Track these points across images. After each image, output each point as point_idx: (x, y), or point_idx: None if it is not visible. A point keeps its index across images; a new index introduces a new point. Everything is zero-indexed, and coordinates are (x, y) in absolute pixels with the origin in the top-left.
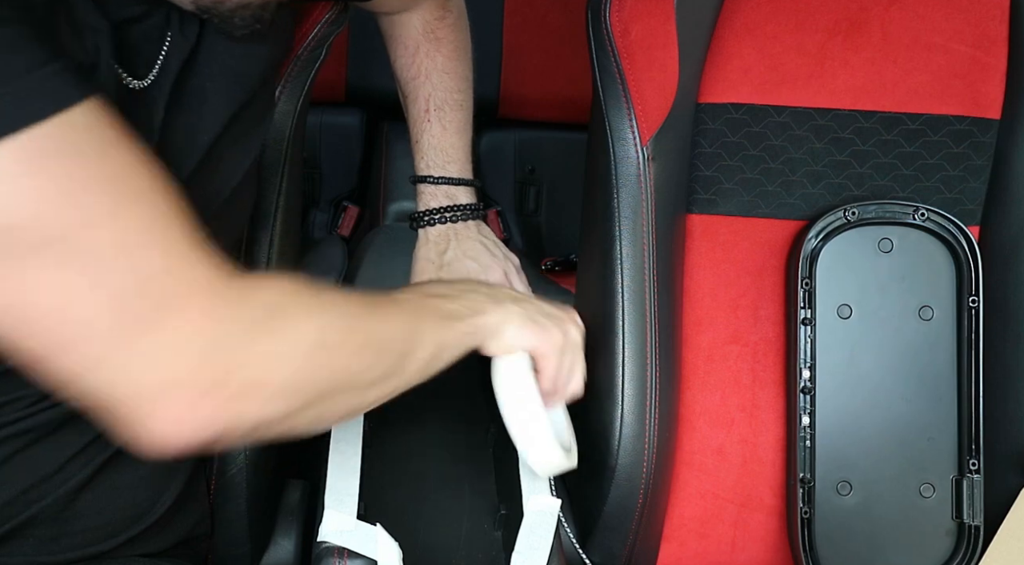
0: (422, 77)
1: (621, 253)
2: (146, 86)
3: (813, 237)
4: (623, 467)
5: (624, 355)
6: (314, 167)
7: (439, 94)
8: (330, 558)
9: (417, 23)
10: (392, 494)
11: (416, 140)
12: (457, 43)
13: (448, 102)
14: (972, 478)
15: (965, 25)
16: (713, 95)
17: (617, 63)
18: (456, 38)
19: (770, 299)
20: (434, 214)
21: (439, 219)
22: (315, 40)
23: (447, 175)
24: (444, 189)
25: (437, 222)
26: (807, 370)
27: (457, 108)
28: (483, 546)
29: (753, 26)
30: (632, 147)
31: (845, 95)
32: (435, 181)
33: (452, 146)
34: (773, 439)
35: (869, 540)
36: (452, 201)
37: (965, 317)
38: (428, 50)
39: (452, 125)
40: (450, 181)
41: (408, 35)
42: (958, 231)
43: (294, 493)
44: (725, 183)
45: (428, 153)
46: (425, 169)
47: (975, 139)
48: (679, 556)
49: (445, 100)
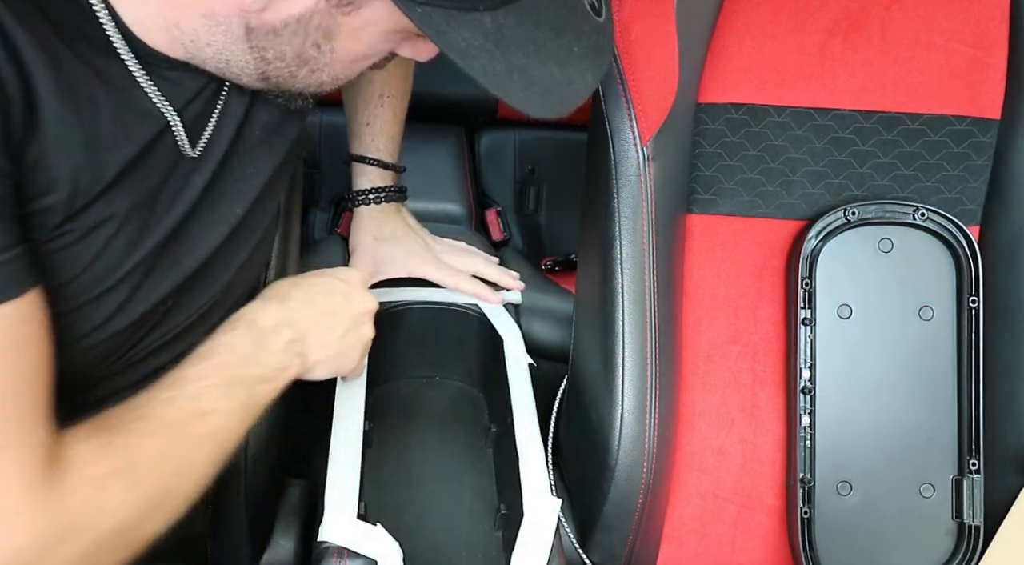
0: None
1: (621, 253)
2: (197, 155)
3: (813, 237)
4: (623, 467)
5: (624, 355)
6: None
7: (393, 82)
8: (330, 558)
9: None
10: (392, 494)
11: (367, 122)
12: None
13: (399, 90)
14: (972, 478)
15: (965, 25)
16: (713, 95)
17: (617, 63)
18: None
19: (770, 299)
20: (370, 193)
21: (383, 198)
22: None
23: (391, 161)
24: (382, 172)
25: (383, 200)
26: (807, 370)
27: (403, 97)
28: (483, 546)
29: (753, 26)
30: (632, 147)
31: (845, 95)
32: (383, 165)
33: (398, 133)
34: (773, 439)
35: (869, 540)
36: (391, 182)
37: (965, 317)
38: None
39: (400, 113)
40: (393, 167)
41: None
42: (958, 231)
43: (294, 493)
44: (725, 183)
45: (379, 137)
46: (375, 152)
47: (975, 139)
48: (679, 556)
49: (398, 87)
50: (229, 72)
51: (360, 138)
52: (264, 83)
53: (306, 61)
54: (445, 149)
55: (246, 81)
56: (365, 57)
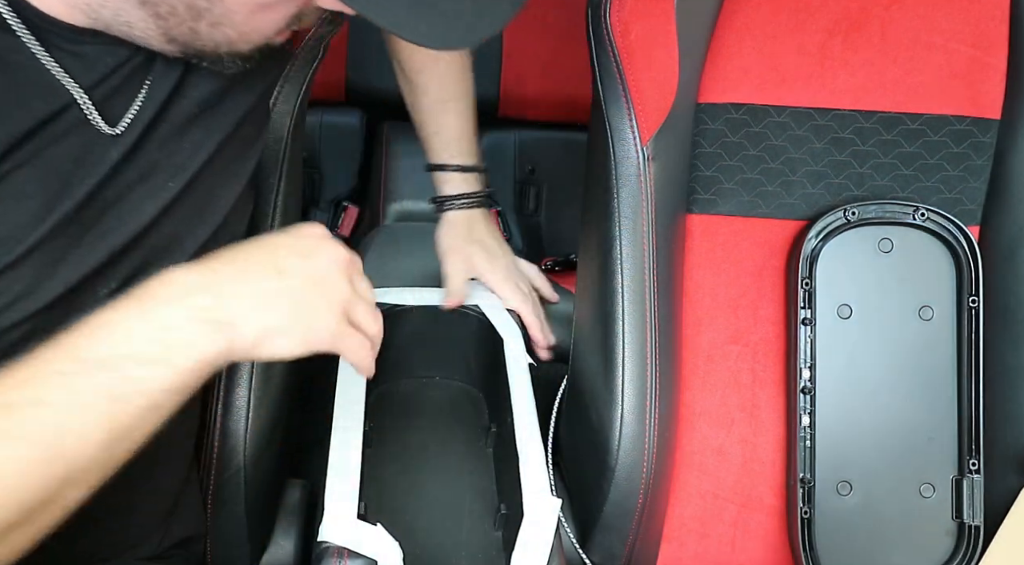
0: (429, 69)
1: (621, 253)
2: (119, 133)
3: (813, 237)
4: (623, 467)
5: (624, 355)
6: (314, 167)
7: (448, 85)
8: (330, 558)
9: None
10: (392, 494)
11: (435, 131)
12: None
13: (458, 92)
14: (972, 478)
15: (965, 25)
16: (713, 95)
17: (617, 63)
18: None
19: (770, 299)
20: (458, 199)
21: (464, 204)
22: (312, 39)
23: (468, 163)
24: (465, 176)
25: (463, 207)
26: (807, 370)
27: (466, 97)
28: (483, 546)
29: (753, 26)
30: (632, 147)
31: (845, 95)
32: (461, 169)
33: (469, 134)
34: (773, 439)
35: (869, 540)
36: (471, 188)
37: (965, 317)
38: None
39: (465, 113)
40: (473, 169)
41: None
42: (958, 231)
43: (294, 493)
44: (725, 183)
45: (451, 144)
46: (450, 158)
47: (975, 139)
48: (679, 556)
49: (455, 90)
50: (135, 36)
51: (433, 149)
52: (173, 46)
53: (199, 13)
54: None
55: (156, 45)
56: (265, 6)
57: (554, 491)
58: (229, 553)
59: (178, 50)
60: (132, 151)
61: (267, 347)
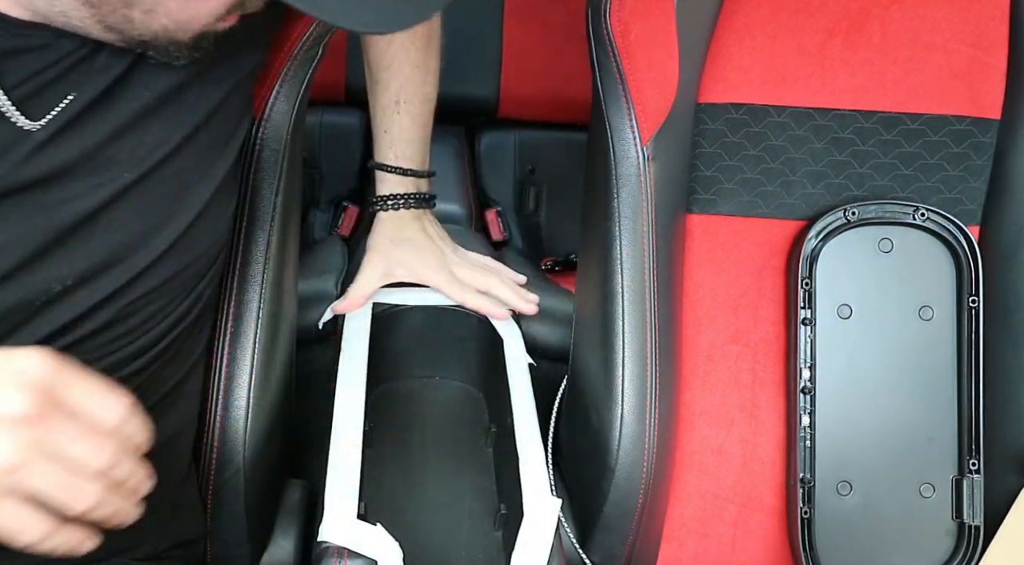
0: (395, 68)
1: (621, 253)
2: (38, 129)
3: (813, 237)
4: (623, 467)
5: (624, 355)
6: (314, 167)
7: (409, 87)
8: (330, 558)
9: None
10: (392, 494)
11: (385, 129)
12: (430, 37)
13: (417, 95)
14: (972, 478)
15: (965, 25)
16: (713, 95)
17: (617, 63)
18: (430, 32)
19: (770, 299)
20: (389, 199)
21: (395, 204)
22: (311, 39)
23: (409, 167)
24: (403, 179)
25: (393, 207)
26: (807, 370)
27: (425, 101)
28: (483, 546)
29: (753, 26)
30: (632, 147)
31: (845, 95)
32: (399, 172)
33: (419, 138)
34: (773, 439)
35: (869, 540)
36: (413, 189)
37: (965, 317)
38: (403, 42)
39: (420, 118)
40: (413, 173)
41: None
42: (958, 231)
43: (294, 493)
44: (725, 183)
45: (396, 144)
46: (393, 159)
47: (975, 139)
48: (679, 556)
49: (415, 93)
50: (75, 26)
51: (379, 147)
52: (112, 34)
53: (131, 1)
54: (445, 149)
55: (95, 34)
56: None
57: (554, 491)
58: (229, 553)
59: (118, 39)
60: (50, 143)
61: None
